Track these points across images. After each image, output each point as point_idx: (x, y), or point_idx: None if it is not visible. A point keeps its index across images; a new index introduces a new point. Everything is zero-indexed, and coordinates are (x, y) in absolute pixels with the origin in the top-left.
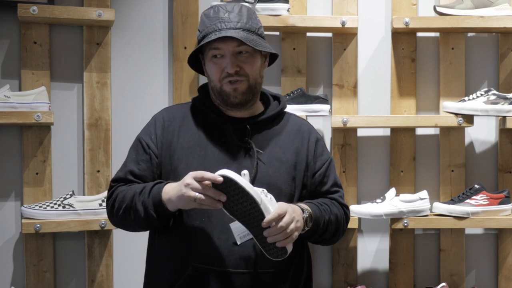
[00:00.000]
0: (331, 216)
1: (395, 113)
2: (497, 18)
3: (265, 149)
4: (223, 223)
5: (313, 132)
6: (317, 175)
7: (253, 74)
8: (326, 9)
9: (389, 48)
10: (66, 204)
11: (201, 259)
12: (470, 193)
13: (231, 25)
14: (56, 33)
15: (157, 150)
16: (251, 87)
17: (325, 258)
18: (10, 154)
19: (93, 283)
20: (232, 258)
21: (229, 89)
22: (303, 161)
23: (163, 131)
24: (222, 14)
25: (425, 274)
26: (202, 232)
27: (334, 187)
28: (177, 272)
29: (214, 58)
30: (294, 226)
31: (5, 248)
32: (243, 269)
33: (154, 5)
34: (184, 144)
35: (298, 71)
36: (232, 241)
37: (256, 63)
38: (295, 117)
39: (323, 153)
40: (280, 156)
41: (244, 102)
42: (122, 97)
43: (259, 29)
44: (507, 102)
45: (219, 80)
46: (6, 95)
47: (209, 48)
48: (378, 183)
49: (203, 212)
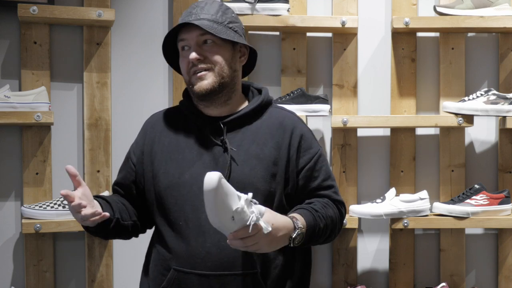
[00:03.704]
0: (327, 220)
1: (395, 113)
2: (497, 18)
3: (242, 146)
4: (200, 227)
5: (298, 126)
6: (304, 170)
7: (220, 64)
8: (326, 9)
9: (389, 48)
10: (66, 204)
11: (181, 262)
12: (470, 193)
13: (197, 16)
14: (56, 33)
15: (135, 158)
16: (217, 76)
17: (325, 258)
18: (10, 154)
19: (93, 283)
20: (210, 261)
21: (195, 79)
22: (284, 156)
23: (145, 138)
24: (192, 10)
25: (425, 274)
26: (181, 236)
27: (326, 181)
28: (163, 276)
29: (182, 52)
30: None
31: (5, 248)
32: (223, 271)
33: (154, 5)
34: (164, 149)
35: (298, 71)
36: (209, 244)
37: (223, 53)
38: (280, 110)
39: (311, 146)
40: (257, 153)
41: (211, 92)
42: (122, 97)
43: (231, 22)
44: (507, 102)
45: (187, 72)
46: (6, 95)
47: (178, 42)
48: (378, 183)
49: (180, 216)
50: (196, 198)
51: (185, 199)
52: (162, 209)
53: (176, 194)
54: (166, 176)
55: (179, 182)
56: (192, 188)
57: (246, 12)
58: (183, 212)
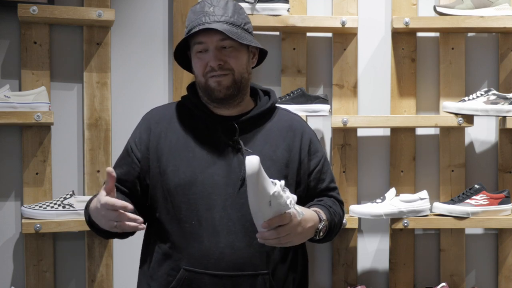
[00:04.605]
0: (337, 217)
1: (395, 113)
2: (497, 18)
3: (255, 147)
4: (214, 226)
5: (306, 129)
6: (314, 173)
7: (238, 69)
8: (326, 9)
9: (389, 48)
10: (66, 204)
11: (192, 262)
12: (470, 193)
13: (215, 18)
14: (56, 33)
15: (140, 153)
16: (236, 81)
17: (325, 258)
18: (10, 154)
19: (93, 283)
20: (223, 261)
21: (213, 83)
22: (296, 158)
23: (149, 134)
24: (207, 8)
25: (425, 274)
26: (192, 236)
27: (332, 183)
28: (170, 276)
29: (198, 53)
30: (290, 239)
31: (5, 248)
32: (235, 272)
33: (154, 5)
34: (172, 146)
35: (298, 71)
36: (223, 244)
37: (241, 57)
38: (286, 113)
39: (318, 149)
40: (271, 155)
41: (228, 97)
42: (122, 97)
43: (246, 24)
44: (507, 102)
45: (203, 75)
46: (6, 95)
47: (193, 43)
48: (378, 183)
49: (193, 215)
50: (210, 197)
51: (198, 198)
52: (170, 207)
53: (188, 193)
54: (176, 173)
55: (192, 181)
56: (205, 188)
57: (246, 12)
58: (196, 211)
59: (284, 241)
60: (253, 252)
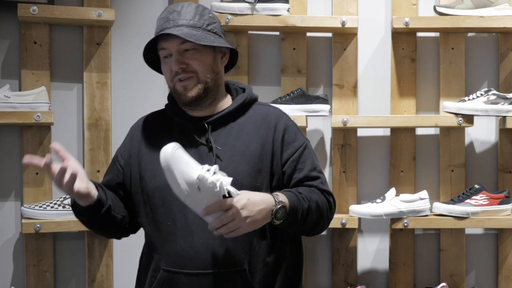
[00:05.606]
0: (311, 203)
1: (395, 113)
2: (497, 18)
3: (227, 144)
4: (187, 226)
5: (281, 119)
6: (289, 162)
7: (202, 70)
8: (326, 9)
9: (389, 48)
10: (66, 204)
11: (170, 262)
12: (470, 193)
13: (175, 23)
14: (56, 33)
15: (123, 161)
16: (201, 83)
17: (325, 258)
18: (10, 154)
19: (93, 283)
20: (199, 260)
21: (180, 88)
22: (269, 150)
23: (132, 141)
24: (169, 15)
25: (425, 274)
26: (169, 236)
27: (312, 172)
28: (153, 277)
29: (164, 59)
30: (239, 224)
31: (5, 248)
32: (211, 270)
33: (154, 5)
34: (150, 151)
35: (298, 71)
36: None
37: (204, 58)
38: (263, 107)
39: (296, 139)
40: (243, 150)
41: (196, 99)
42: (122, 97)
43: (209, 25)
44: (507, 102)
45: (171, 80)
46: (6, 95)
47: (159, 49)
48: (378, 183)
49: (168, 216)
50: None
51: (172, 199)
52: (149, 210)
53: (163, 195)
54: (153, 177)
55: (166, 183)
56: None
57: (246, 12)
58: (171, 212)
59: (232, 228)
60: (227, 250)
